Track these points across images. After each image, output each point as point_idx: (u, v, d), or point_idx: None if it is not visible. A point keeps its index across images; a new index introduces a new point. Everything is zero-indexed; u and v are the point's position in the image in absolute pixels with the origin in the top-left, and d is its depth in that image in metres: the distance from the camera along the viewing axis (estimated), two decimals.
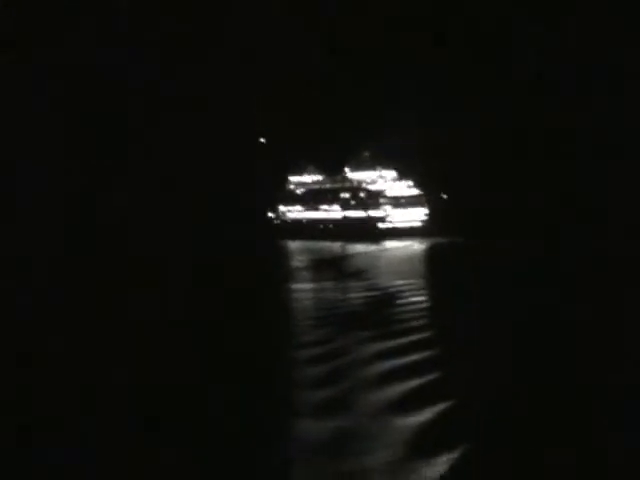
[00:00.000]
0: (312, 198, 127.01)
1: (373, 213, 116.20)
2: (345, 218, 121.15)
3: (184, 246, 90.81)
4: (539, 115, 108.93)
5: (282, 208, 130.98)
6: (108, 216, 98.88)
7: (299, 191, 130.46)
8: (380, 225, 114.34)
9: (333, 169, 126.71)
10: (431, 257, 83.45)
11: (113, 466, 18.12)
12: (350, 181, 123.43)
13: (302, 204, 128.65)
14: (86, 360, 28.84)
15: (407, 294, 45.43)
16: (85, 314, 40.00)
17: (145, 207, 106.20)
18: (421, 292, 47.83)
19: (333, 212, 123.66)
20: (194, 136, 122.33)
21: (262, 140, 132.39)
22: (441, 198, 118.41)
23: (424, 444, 18.25)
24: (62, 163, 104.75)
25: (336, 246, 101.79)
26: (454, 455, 17.41)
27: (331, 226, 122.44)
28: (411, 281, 52.48)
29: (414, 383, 23.55)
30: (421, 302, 43.12)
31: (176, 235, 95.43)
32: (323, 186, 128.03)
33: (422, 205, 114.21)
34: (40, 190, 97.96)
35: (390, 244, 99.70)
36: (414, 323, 34.85)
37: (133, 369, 27.14)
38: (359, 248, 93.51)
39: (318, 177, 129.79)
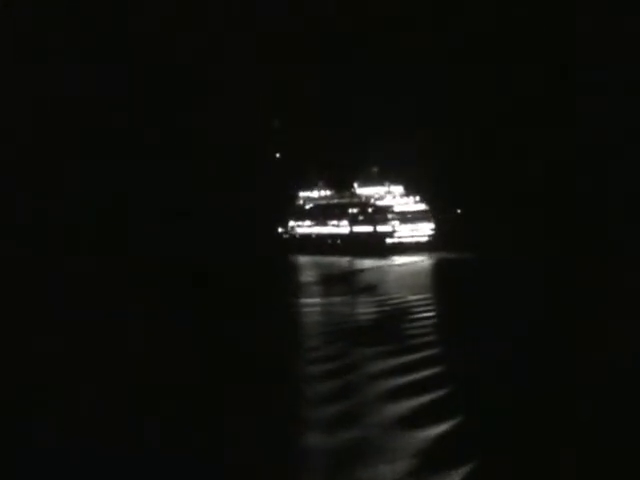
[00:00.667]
0: (321, 213, 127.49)
1: (381, 228, 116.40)
2: (353, 233, 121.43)
3: (194, 260, 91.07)
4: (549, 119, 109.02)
5: (291, 223, 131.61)
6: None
7: (308, 206, 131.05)
8: (387, 240, 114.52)
9: (342, 185, 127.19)
10: (440, 273, 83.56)
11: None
12: (358, 196, 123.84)
13: (311, 219, 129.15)
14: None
15: (417, 310, 45.63)
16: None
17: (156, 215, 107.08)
18: (431, 308, 48.00)
19: (341, 227, 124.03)
20: (204, 146, 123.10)
21: (277, 155, 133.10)
22: (455, 212, 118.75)
23: (432, 459, 18.43)
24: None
25: (344, 261, 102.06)
26: (462, 470, 17.60)
27: (339, 241, 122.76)
28: (420, 297, 52.65)
29: (424, 399, 23.76)
30: (431, 318, 43.38)
31: (185, 249, 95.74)
32: (332, 201, 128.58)
33: (429, 220, 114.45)
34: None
35: (398, 259, 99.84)
36: (425, 339, 35.15)
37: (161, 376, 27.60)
38: (367, 263, 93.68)
39: (327, 192, 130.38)
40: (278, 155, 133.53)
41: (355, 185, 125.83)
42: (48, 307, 46.38)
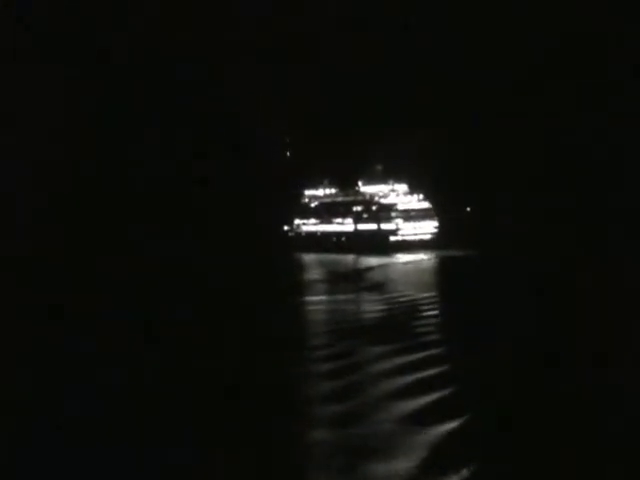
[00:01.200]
0: (326, 211, 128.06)
1: (385, 226, 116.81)
2: (357, 231, 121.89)
3: (199, 259, 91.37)
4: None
5: (297, 221, 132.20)
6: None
7: (313, 204, 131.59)
8: (391, 238, 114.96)
9: (346, 183, 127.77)
10: (444, 271, 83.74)
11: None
12: (363, 194, 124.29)
13: (316, 217, 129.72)
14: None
15: (422, 308, 45.93)
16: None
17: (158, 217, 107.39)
18: (436, 306, 48.28)
19: (346, 225, 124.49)
20: (211, 149, 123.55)
21: (288, 154, 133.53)
22: (464, 211, 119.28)
23: (437, 458, 18.58)
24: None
25: (349, 259, 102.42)
26: (464, 468, 17.75)
27: (344, 239, 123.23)
28: (425, 295, 52.92)
29: (429, 398, 24.01)
30: (436, 316, 43.68)
31: (189, 248, 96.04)
32: (336, 199, 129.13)
33: (432, 218, 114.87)
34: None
35: (402, 257, 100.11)
36: (431, 337, 35.44)
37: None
38: (372, 261, 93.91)
39: (332, 190, 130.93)
40: (288, 154, 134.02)
41: (359, 183, 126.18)
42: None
